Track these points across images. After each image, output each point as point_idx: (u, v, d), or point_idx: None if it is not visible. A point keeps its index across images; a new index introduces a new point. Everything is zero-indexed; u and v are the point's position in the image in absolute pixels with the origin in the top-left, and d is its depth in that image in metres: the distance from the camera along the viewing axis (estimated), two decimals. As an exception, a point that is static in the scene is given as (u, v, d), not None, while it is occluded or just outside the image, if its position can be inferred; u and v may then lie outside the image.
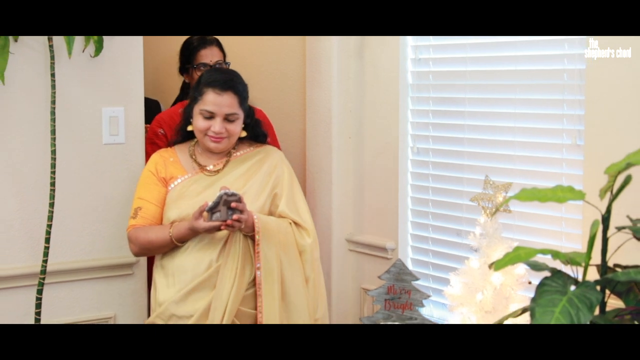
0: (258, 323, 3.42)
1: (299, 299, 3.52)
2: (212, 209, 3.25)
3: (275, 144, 4.28)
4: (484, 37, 3.80)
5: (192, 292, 3.40)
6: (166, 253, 3.50)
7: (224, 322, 3.33)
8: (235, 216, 3.26)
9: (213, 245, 3.44)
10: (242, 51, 4.39)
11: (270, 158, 3.65)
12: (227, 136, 3.49)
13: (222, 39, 4.51)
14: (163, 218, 3.54)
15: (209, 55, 4.33)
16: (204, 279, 3.40)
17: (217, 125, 3.44)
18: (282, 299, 3.48)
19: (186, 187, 3.54)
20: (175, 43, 4.49)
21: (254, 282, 3.45)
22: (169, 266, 3.48)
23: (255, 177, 3.58)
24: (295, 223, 3.58)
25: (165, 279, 3.49)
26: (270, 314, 3.41)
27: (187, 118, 3.59)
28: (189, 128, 3.56)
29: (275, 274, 3.45)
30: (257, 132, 3.68)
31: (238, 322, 3.41)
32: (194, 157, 3.61)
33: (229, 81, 3.50)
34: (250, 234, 3.43)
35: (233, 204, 3.25)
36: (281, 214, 3.56)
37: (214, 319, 3.34)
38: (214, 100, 3.44)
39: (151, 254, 3.64)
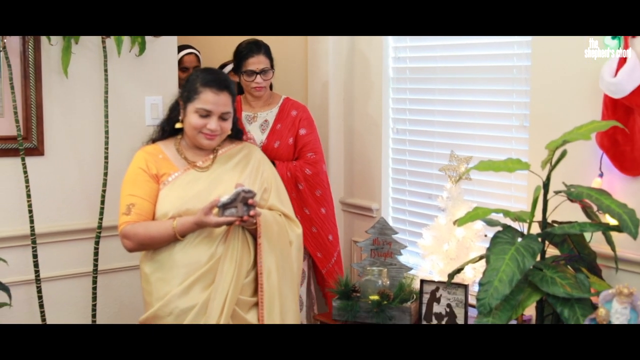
0: (259, 312, 3.01)
1: (289, 286, 3.11)
2: (226, 205, 2.83)
3: (313, 134, 4.03)
4: (450, 40, 3.81)
5: (195, 284, 2.95)
6: (160, 248, 3.01)
7: (225, 311, 2.92)
8: (252, 212, 2.86)
9: (213, 239, 2.98)
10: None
11: (254, 154, 3.22)
12: (220, 133, 3.04)
13: (234, 38, 4.21)
14: (157, 214, 3.02)
15: (255, 63, 3.86)
16: (205, 271, 2.95)
17: (213, 123, 3.00)
18: (279, 287, 3.06)
19: (181, 183, 3.04)
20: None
21: (250, 271, 3.04)
22: (165, 260, 3.00)
23: (245, 172, 3.12)
24: (285, 215, 3.17)
25: (160, 273, 3.01)
26: (271, 303, 3.02)
27: (175, 115, 3.13)
28: (178, 125, 3.09)
29: (274, 264, 3.04)
30: (236, 129, 3.22)
31: (238, 310, 2.99)
32: (182, 153, 3.11)
33: (224, 81, 3.07)
34: (252, 227, 3.00)
35: (250, 201, 2.84)
36: (271, 207, 3.14)
37: (214, 308, 2.92)
38: (212, 100, 2.99)
39: (146, 249, 3.05)
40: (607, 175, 3.03)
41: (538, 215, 2.83)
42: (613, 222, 2.76)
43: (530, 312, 3.09)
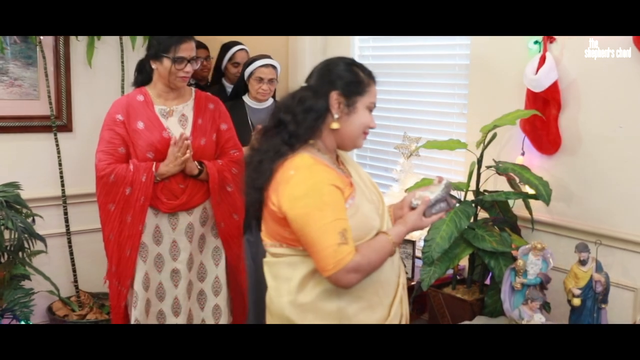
0: (403, 307, 2.06)
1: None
2: (437, 201, 2.03)
3: (233, 129, 3.09)
4: (405, 42, 3.79)
5: (395, 299, 2.02)
6: None
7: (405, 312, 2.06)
8: (454, 201, 2.14)
9: None
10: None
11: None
12: None
13: (229, 38, 4.06)
14: (362, 231, 1.92)
15: (187, 50, 2.84)
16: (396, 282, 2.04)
17: (373, 119, 2.06)
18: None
19: (361, 193, 1.99)
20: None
21: None
22: (373, 280, 1.94)
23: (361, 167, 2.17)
24: None
25: (365, 301, 1.96)
26: (405, 298, 2.08)
27: (323, 115, 1.96)
28: (335, 126, 1.96)
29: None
30: None
31: None
32: (332, 161, 2.00)
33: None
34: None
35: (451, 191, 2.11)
36: None
37: (404, 311, 2.06)
38: (376, 93, 2.07)
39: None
40: (527, 154, 3.07)
41: (472, 185, 2.90)
42: (531, 191, 2.83)
43: (464, 262, 3.15)
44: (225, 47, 3.96)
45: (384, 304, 1.98)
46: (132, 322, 2.89)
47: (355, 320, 1.93)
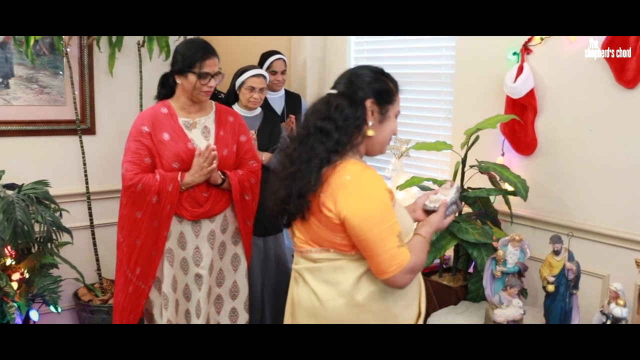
0: (420, 304, 1.99)
1: None
2: (450, 204, 2.01)
3: (251, 141, 3.04)
4: (396, 52, 3.77)
5: (422, 295, 2.00)
6: None
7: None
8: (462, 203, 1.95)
9: None
10: (245, 51, 4.01)
11: None
12: None
13: (228, 37, 3.92)
14: (406, 231, 1.87)
15: (211, 66, 2.74)
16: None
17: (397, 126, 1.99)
18: None
19: (397, 196, 1.89)
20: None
21: None
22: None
23: None
24: None
25: (405, 299, 1.91)
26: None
27: (362, 123, 1.88)
28: (370, 133, 1.89)
29: None
30: None
31: None
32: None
33: None
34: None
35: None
36: None
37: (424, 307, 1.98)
38: (400, 101, 2.03)
39: None
40: (507, 154, 3.08)
41: (457, 183, 2.91)
42: (510, 188, 2.86)
43: (449, 253, 3.17)
44: (264, 57, 3.87)
45: (417, 301, 1.93)
46: (165, 322, 2.81)
47: (401, 318, 1.87)
